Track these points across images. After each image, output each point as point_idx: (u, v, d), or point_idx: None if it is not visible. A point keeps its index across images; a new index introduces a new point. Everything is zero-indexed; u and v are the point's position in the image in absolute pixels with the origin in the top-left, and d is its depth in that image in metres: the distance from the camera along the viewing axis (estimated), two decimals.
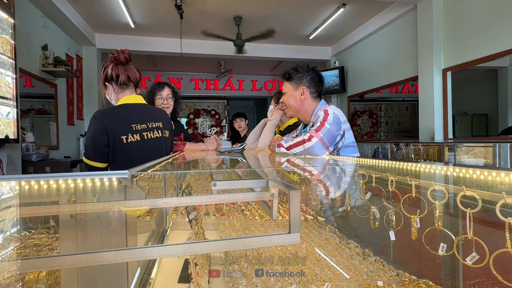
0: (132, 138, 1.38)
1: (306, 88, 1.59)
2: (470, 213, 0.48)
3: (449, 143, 3.28)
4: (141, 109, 1.47)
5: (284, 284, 0.68)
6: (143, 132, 1.42)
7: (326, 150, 1.45)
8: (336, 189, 1.02)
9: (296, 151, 1.47)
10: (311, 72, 1.61)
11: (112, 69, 1.43)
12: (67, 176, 0.62)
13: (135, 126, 1.40)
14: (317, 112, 1.56)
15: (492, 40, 3.19)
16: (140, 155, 1.39)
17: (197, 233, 0.97)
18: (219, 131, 8.35)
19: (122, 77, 1.43)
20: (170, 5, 4.20)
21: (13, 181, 0.60)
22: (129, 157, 1.38)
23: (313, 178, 1.04)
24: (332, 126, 1.46)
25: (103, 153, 1.36)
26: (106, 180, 0.62)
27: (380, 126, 6.52)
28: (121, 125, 1.38)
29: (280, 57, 6.23)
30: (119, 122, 1.38)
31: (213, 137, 1.99)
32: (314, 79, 1.60)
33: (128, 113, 1.43)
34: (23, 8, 3.48)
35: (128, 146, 1.37)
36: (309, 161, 1.27)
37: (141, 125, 1.42)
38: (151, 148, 1.43)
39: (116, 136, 1.35)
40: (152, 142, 1.44)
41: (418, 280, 0.68)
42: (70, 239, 0.63)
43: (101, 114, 1.38)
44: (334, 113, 1.51)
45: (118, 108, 1.44)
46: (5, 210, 0.61)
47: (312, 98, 1.61)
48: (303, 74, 1.60)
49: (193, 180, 1.35)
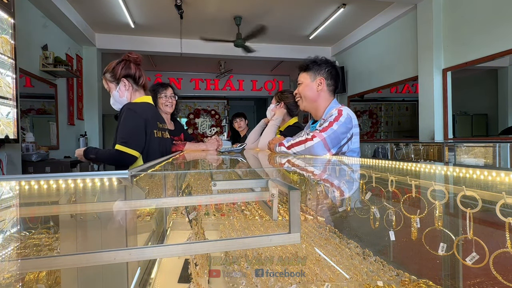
0: (158, 134, 1.55)
1: (324, 79, 1.57)
2: (470, 213, 0.48)
3: (449, 143, 3.28)
4: (156, 111, 1.67)
5: (284, 284, 0.68)
6: (161, 131, 1.59)
7: (327, 152, 1.43)
8: (336, 189, 1.02)
9: (296, 149, 1.45)
10: (330, 65, 1.59)
11: (136, 69, 1.54)
12: (67, 176, 0.62)
13: (158, 124, 1.58)
14: (331, 110, 1.53)
15: (492, 40, 3.18)
16: (160, 151, 1.56)
17: (197, 233, 0.97)
18: (219, 131, 8.35)
19: (143, 79, 1.57)
20: (170, 5, 4.20)
21: (13, 181, 0.60)
22: (156, 151, 1.53)
23: (313, 178, 1.04)
24: (340, 128, 1.43)
25: (143, 143, 1.47)
26: (106, 180, 0.62)
27: (380, 126, 6.52)
28: (153, 120, 1.54)
29: (280, 57, 6.23)
30: (152, 118, 1.53)
31: (214, 138, 1.99)
32: (332, 72, 1.58)
33: (154, 111, 1.62)
34: (23, 8, 3.48)
35: (156, 140, 1.53)
36: (309, 161, 1.27)
37: (160, 124, 1.60)
38: (165, 147, 1.63)
39: (151, 129, 1.51)
40: (165, 141, 1.64)
41: (418, 280, 0.68)
42: (70, 239, 0.63)
43: (139, 108, 1.49)
44: (348, 114, 1.48)
45: (148, 105, 1.58)
46: (5, 210, 0.61)
47: (328, 91, 1.58)
48: (322, 65, 1.58)
49: (193, 180, 1.35)
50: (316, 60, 1.60)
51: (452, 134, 3.84)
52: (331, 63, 1.61)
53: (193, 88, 8.03)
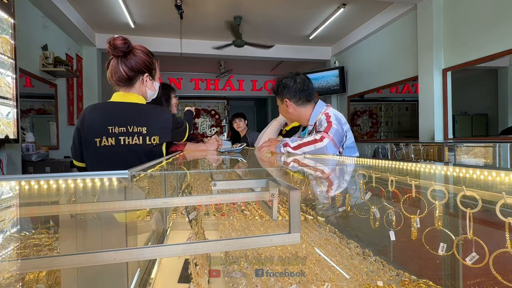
0: (107, 141, 1.20)
1: (288, 100, 1.61)
2: (470, 213, 0.48)
3: (449, 143, 3.28)
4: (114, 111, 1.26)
5: (284, 284, 0.68)
6: (121, 136, 1.21)
7: (337, 150, 1.47)
8: (336, 189, 1.02)
9: (305, 150, 1.46)
10: (291, 81, 1.60)
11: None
12: (67, 176, 0.62)
13: (112, 129, 1.21)
14: (317, 116, 1.58)
15: (492, 40, 3.18)
16: (111, 162, 1.22)
17: (197, 233, 0.97)
18: (219, 131, 8.35)
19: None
20: (170, 5, 4.20)
21: (13, 181, 0.60)
22: (101, 162, 1.23)
23: (313, 178, 1.04)
24: (339, 126, 1.49)
25: (78, 152, 1.27)
26: (106, 180, 0.62)
27: (380, 126, 6.52)
28: (96, 126, 1.22)
29: (280, 57, 6.23)
30: (95, 123, 1.22)
31: (214, 138, 1.98)
32: (295, 88, 1.59)
33: (109, 112, 1.26)
34: (23, 8, 3.47)
35: (102, 150, 1.21)
36: (309, 161, 1.27)
37: (119, 128, 1.21)
38: (124, 155, 1.22)
39: (91, 138, 1.21)
40: (128, 147, 1.22)
41: (418, 280, 0.68)
42: (70, 239, 0.63)
43: (82, 112, 1.29)
44: (335, 115, 1.53)
45: (102, 106, 1.31)
46: (5, 210, 0.60)
47: (299, 105, 1.62)
48: (284, 85, 1.61)
49: (193, 180, 1.35)
50: (280, 81, 1.64)
51: (452, 134, 3.84)
52: (292, 76, 1.62)
53: (193, 88, 8.02)
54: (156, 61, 1.38)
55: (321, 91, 6.04)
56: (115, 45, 1.21)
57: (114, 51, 1.23)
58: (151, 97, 1.39)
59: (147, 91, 1.33)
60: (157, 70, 1.40)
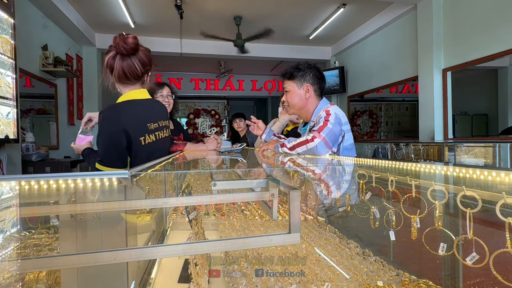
0: (149, 139, 1.28)
1: (310, 86, 1.59)
2: (470, 213, 0.48)
3: (449, 143, 3.28)
4: (147, 108, 1.32)
5: (284, 284, 0.68)
6: (155, 132, 1.30)
7: (329, 150, 1.46)
8: (336, 189, 1.02)
9: (299, 150, 1.47)
10: (314, 69, 1.61)
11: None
12: (67, 176, 0.62)
13: (150, 125, 1.29)
14: (319, 112, 1.56)
15: (492, 40, 3.18)
16: (154, 156, 1.26)
17: (197, 233, 0.97)
18: (219, 131, 8.35)
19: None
20: (170, 5, 4.20)
21: (13, 181, 0.60)
22: (146, 159, 1.23)
23: (313, 178, 1.04)
24: (335, 126, 1.47)
25: (123, 158, 1.24)
26: (106, 180, 0.62)
27: (380, 126, 6.52)
28: (139, 125, 1.26)
29: (280, 57, 6.23)
30: (137, 121, 1.26)
31: (212, 137, 1.97)
32: (317, 76, 1.60)
33: (142, 110, 1.30)
34: (23, 8, 3.47)
35: (146, 148, 1.26)
36: (309, 161, 1.27)
37: (154, 124, 1.30)
38: (161, 148, 1.33)
39: (136, 138, 1.24)
40: (163, 142, 1.34)
41: (418, 280, 0.68)
42: (70, 239, 0.63)
43: (115, 114, 1.23)
44: (335, 113, 1.51)
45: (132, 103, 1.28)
46: (5, 210, 0.61)
47: (315, 96, 1.61)
48: (306, 71, 1.59)
49: (193, 180, 1.35)
50: (299, 67, 1.61)
51: (452, 134, 3.84)
52: (315, 67, 1.62)
53: (193, 88, 8.02)
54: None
55: None
56: (127, 42, 1.19)
57: (124, 48, 1.20)
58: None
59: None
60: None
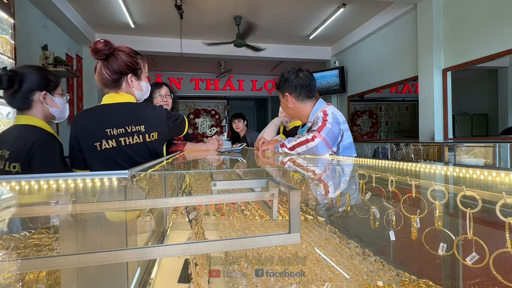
0: (107, 145, 1.20)
1: (288, 94, 1.62)
2: (470, 213, 0.48)
3: (449, 143, 3.28)
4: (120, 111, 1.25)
5: (284, 284, 0.68)
6: (121, 137, 1.21)
7: (330, 150, 1.47)
8: (336, 189, 1.02)
9: (299, 151, 1.48)
10: (293, 76, 1.61)
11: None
12: (67, 176, 0.62)
13: (110, 131, 1.20)
14: (316, 113, 1.58)
15: (492, 40, 3.18)
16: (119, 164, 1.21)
17: (197, 233, 0.97)
18: (219, 131, 8.35)
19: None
20: (170, 5, 4.20)
21: (13, 181, 0.60)
22: (106, 166, 1.21)
23: (313, 178, 1.04)
24: (334, 126, 1.48)
25: (80, 159, 1.26)
26: (106, 180, 0.62)
27: (380, 126, 6.52)
28: (94, 130, 1.22)
29: (280, 57, 6.23)
30: (91, 127, 1.23)
31: (214, 138, 1.97)
32: (296, 83, 1.60)
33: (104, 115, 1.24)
34: (23, 8, 3.47)
35: (101, 154, 1.21)
36: (309, 161, 1.27)
37: (118, 130, 1.21)
38: (129, 156, 1.22)
39: (89, 143, 1.21)
40: (131, 148, 1.22)
41: (418, 280, 0.68)
42: (70, 239, 0.63)
43: (74, 119, 1.30)
44: (332, 113, 1.52)
45: (92, 109, 1.29)
46: (5, 210, 0.61)
47: (299, 101, 1.62)
48: (286, 79, 1.62)
49: (193, 180, 1.35)
50: (283, 75, 1.65)
51: (452, 134, 3.84)
52: (295, 71, 1.63)
53: (193, 88, 8.02)
54: (142, 61, 1.34)
55: (321, 91, 6.05)
56: (96, 48, 1.20)
57: (96, 55, 1.22)
58: (141, 97, 1.36)
59: (134, 91, 1.31)
60: (143, 69, 1.36)
